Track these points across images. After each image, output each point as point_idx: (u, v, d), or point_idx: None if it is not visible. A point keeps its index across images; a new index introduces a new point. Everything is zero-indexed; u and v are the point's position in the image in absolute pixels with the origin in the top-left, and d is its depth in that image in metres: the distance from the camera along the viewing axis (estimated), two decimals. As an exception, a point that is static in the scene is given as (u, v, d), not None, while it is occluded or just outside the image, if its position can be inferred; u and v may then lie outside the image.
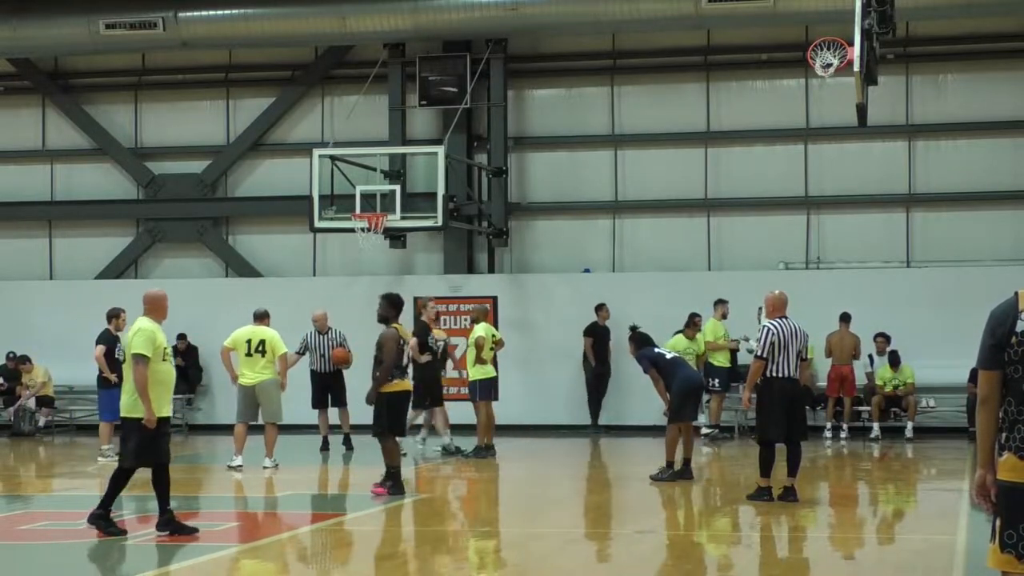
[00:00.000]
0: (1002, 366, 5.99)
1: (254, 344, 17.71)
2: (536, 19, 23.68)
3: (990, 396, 6.02)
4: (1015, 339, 5.97)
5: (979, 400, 6.07)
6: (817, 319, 22.21)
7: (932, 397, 22.93)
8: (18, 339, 25.35)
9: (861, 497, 16.61)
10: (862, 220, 24.66)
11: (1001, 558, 5.93)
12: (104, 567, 11.44)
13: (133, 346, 11.83)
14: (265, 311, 18.35)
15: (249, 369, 17.76)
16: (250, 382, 17.69)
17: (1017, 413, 5.95)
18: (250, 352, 17.70)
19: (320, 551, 11.30)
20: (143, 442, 11.72)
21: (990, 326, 6.06)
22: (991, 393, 6.02)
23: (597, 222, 25.49)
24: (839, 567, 11.25)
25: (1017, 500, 5.91)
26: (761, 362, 14.09)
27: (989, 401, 6.02)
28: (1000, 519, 5.95)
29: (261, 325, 18.07)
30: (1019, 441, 5.93)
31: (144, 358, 11.73)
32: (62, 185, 27.36)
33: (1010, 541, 5.90)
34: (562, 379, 23.97)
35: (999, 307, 6.11)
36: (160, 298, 12.35)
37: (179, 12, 24.27)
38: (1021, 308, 6.02)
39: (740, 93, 25.15)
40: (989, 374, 6.03)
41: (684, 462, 16.37)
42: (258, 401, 17.79)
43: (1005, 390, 6.00)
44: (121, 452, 12.23)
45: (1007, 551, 5.91)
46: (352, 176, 23.01)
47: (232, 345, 17.93)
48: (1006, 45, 24.37)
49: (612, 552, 11.99)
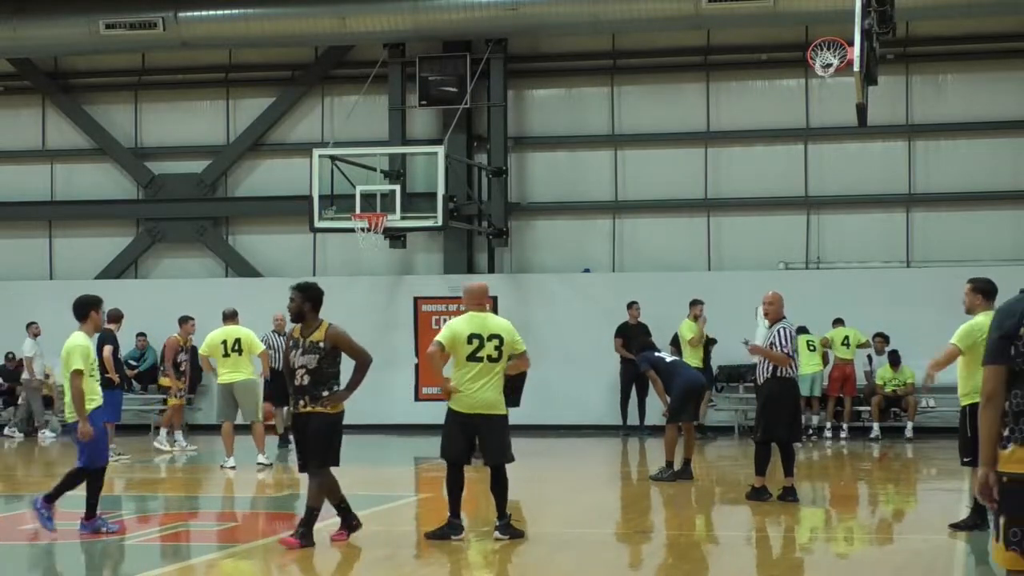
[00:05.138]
0: (1009, 360, 5.96)
1: (230, 344, 18.07)
2: (536, 19, 23.68)
3: (996, 392, 5.98)
4: (1023, 331, 5.94)
5: (984, 397, 6.02)
6: (817, 319, 22.28)
7: (932, 397, 22.92)
8: (18, 339, 25.33)
9: (861, 497, 16.60)
10: (862, 220, 24.67)
11: (1007, 556, 5.89)
12: (104, 567, 11.44)
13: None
14: (234, 311, 18.70)
15: (227, 368, 18.08)
16: (228, 380, 18.03)
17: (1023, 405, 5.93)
18: (227, 352, 18.11)
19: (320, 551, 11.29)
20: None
21: (997, 320, 6.06)
22: (997, 388, 5.98)
23: (597, 222, 25.49)
24: (839, 567, 11.25)
25: (1021, 493, 5.86)
26: (790, 359, 14.12)
27: (995, 398, 5.98)
28: (1004, 515, 5.90)
29: (232, 324, 18.35)
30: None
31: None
32: (62, 185, 27.36)
33: (1015, 539, 5.86)
34: (562, 379, 23.94)
35: (1006, 303, 6.13)
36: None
37: (179, 12, 24.28)
38: None
39: (740, 93, 25.15)
40: (996, 369, 5.99)
41: (684, 462, 16.40)
42: (237, 400, 18.07)
43: (1011, 383, 5.97)
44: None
45: (1012, 548, 5.87)
46: (352, 176, 23.02)
47: (208, 352, 18.35)
48: (1006, 45, 24.37)
49: (612, 552, 11.98)
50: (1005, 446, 5.95)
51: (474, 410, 11.68)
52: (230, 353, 18.03)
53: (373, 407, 24.28)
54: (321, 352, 11.32)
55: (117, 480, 17.56)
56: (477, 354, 11.61)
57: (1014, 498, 5.88)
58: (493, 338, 11.64)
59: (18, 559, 11.49)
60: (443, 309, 24.86)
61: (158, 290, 25.77)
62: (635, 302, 23.50)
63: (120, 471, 18.39)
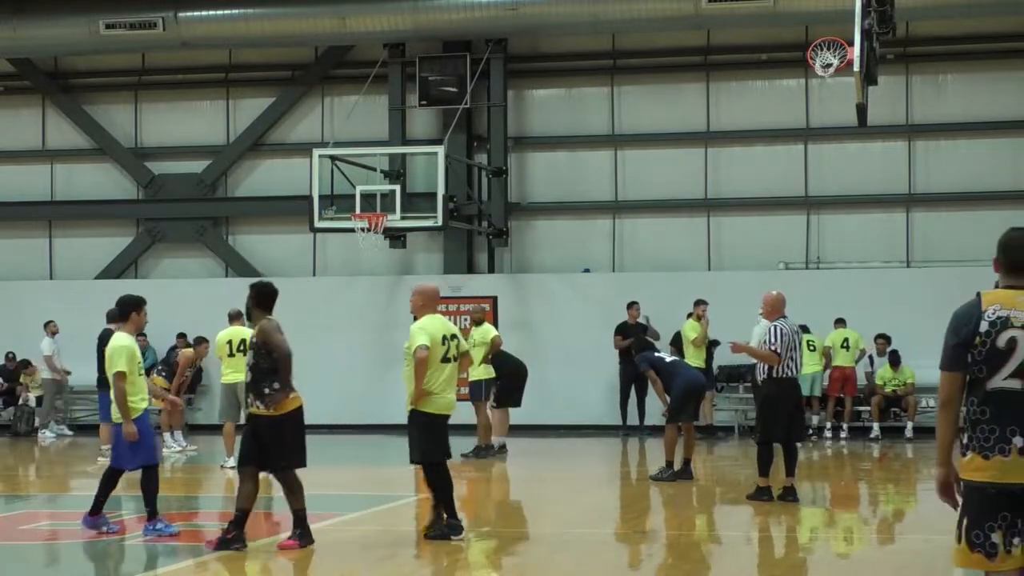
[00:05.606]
0: (965, 367, 6.09)
1: (235, 344, 18.03)
2: (536, 19, 23.68)
3: (951, 399, 6.14)
4: (979, 339, 6.07)
5: (940, 402, 6.19)
6: (817, 319, 22.28)
7: (932, 397, 22.90)
8: (18, 339, 25.35)
9: (861, 497, 16.61)
10: (862, 220, 24.67)
11: (971, 557, 6.06)
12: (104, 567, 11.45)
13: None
14: (239, 311, 18.55)
15: (231, 368, 18.03)
16: (232, 380, 17.99)
17: (980, 413, 6.06)
18: (232, 352, 18.05)
19: (320, 551, 11.30)
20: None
21: (953, 326, 6.17)
22: (953, 395, 6.13)
23: (597, 222, 25.49)
24: (839, 567, 11.25)
25: (982, 500, 6.03)
26: (777, 357, 14.11)
27: (951, 404, 6.14)
28: (966, 519, 6.07)
29: (238, 325, 18.34)
30: (982, 441, 6.04)
31: None
32: (62, 185, 27.36)
33: (978, 540, 6.03)
34: (562, 379, 23.94)
35: (962, 308, 6.22)
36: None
37: (179, 12, 24.28)
38: (984, 308, 6.12)
39: (740, 93, 25.15)
40: (952, 375, 6.13)
41: (684, 462, 16.40)
42: (239, 400, 18.02)
43: (967, 390, 6.11)
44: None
45: (976, 551, 6.03)
46: (352, 176, 23.01)
47: (219, 354, 18.30)
48: (1006, 45, 24.37)
49: (612, 552, 11.99)
50: (964, 453, 6.10)
51: (446, 411, 11.82)
52: (235, 353, 17.98)
53: (373, 407, 24.32)
54: (255, 348, 11.35)
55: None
56: (447, 355, 11.72)
57: (975, 503, 6.04)
58: (454, 338, 11.80)
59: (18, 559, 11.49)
60: (443, 309, 24.78)
61: (158, 290, 25.55)
62: (635, 302, 23.50)
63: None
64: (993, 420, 6.01)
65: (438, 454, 11.88)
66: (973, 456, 6.05)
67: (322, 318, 24.42)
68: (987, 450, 6.01)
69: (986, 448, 6.01)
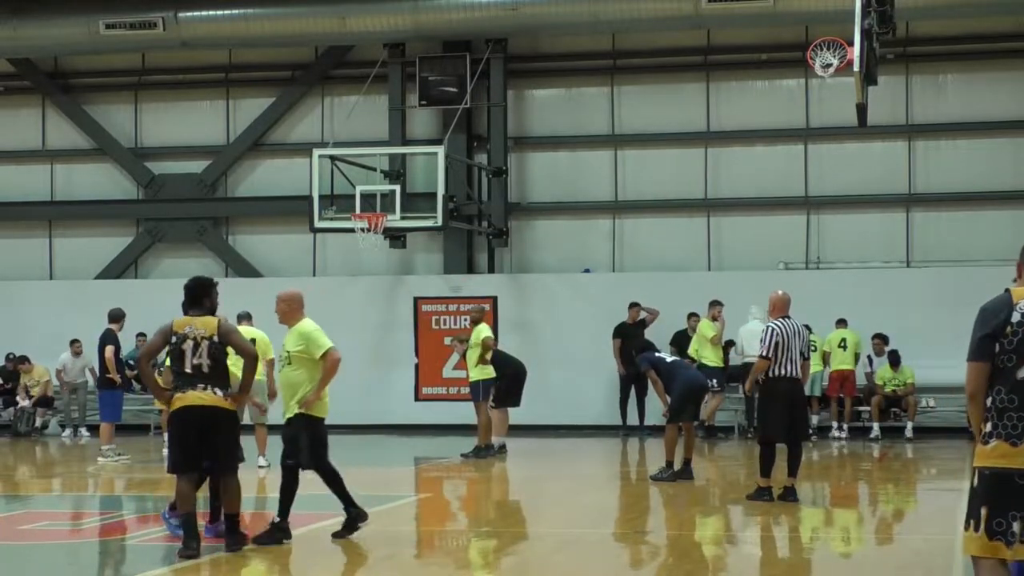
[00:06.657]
0: (992, 357, 6.22)
1: None
2: (536, 19, 23.68)
3: (980, 389, 6.27)
4: (1010, 329, 6.21)
5: (969, 393, 6.31)
6: (817, 319, 22.25)
7: (932, 397, 22.93)
8: (18, 339, 25.35)
9: (861, 497, 16.61)
10: (862, 220, 24.67)
11: (989, 546, 6.10)
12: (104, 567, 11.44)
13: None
14: (248, 312, 18.48)
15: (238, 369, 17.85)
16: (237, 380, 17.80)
17: (1008, 401, 6.18)
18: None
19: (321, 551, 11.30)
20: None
21: (981, 319, 6.30)
22: (981, 385, 6.27)
23: (597, 222, 25.49)
24: (839, 567, 11.25)
25: (1005, 487, 6.10)
26: (766, 361, 14.12)
27: (979, 393, 6.28)
28: (986, 507, 6.12)
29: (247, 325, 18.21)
30: (1010, 428, 6.14)
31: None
32: (62, 185, 27.36)
33: (1000, 529, 6.09)
34: (562, 379, 23.94)
35: (990, 302, 6.39)
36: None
37: (179, 12, 24.28)
38: (1016, 301, 6.27)
39: (740, 93, 25.16)
40: (980, 365, 6.26)
41: (684, 462, 16.39)
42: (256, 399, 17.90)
43: (993, 380, 6.23)
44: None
45: (996, 539, 6.09)
46: (352, 176, 23.01)
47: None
48: (1006, 45, 24.38)
49: (612, 552, 11.98)
50: (987, 441, 6.19)
51: (326, 414, 11.69)
52: None
53: (373, 407, 24.33)
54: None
55: (117, 480, 17.59)
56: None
57: (997, 491, 6.12)
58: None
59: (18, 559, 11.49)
60: (443, 309, 24.89)
61: (158, 290, 25.66)
62: (636, 303, 23.51)
63: (120, 471, 18.40)
64: (1022, 408, 6.14)
65: (325, 458, 11.57)
66: (998, 443, 6.14)
67: (322, 318, 24.09)
68: (1015, 437, 6.11)
69: (1014, 436, 6.12)
